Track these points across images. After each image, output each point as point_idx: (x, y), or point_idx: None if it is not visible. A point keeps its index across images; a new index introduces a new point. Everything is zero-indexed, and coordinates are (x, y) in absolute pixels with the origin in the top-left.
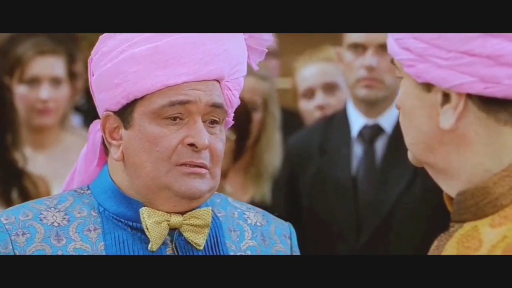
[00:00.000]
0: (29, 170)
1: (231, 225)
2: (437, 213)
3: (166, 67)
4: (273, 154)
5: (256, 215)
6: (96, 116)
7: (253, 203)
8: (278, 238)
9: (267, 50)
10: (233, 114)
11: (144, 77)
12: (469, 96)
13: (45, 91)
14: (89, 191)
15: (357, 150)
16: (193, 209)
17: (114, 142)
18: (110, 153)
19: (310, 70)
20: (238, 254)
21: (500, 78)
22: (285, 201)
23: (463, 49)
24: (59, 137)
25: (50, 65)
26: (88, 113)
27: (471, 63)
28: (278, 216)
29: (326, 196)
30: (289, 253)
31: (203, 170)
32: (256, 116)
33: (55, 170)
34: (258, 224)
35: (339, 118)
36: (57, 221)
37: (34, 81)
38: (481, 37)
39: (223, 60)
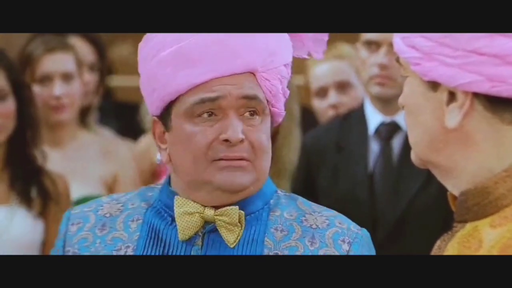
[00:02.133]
0: (48, 168)
1: (280, 224)
2: (453, 212)
3: (192, 66)
4: (292, 152)
5: (318, 218)
6: (111, 114)
7: None
8: (333, 243)
9: (327, 38)
10: (283, 105)
11: (173, 78)
12: (475, 95)
13: (58, 88)
14: (160, 186)
15: (374, 147)
16: (232, 204)
17: (162, 146)
18: None
19: (322, 69)
20: (272, 253)
21: (506, 77)
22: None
23: (470, 48)
24: (76, 134)
25: (60, 61)
26: (103, 110)
27: (478, 62)
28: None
29: (342, 193)
30: None
31: (243, 163)
32: None
33: (72, 167)
34: (313, 226)
35: (356, 115)
36: (110, 212)
37: (46, 79)
38: (488, 36)
39: (250, 53)
